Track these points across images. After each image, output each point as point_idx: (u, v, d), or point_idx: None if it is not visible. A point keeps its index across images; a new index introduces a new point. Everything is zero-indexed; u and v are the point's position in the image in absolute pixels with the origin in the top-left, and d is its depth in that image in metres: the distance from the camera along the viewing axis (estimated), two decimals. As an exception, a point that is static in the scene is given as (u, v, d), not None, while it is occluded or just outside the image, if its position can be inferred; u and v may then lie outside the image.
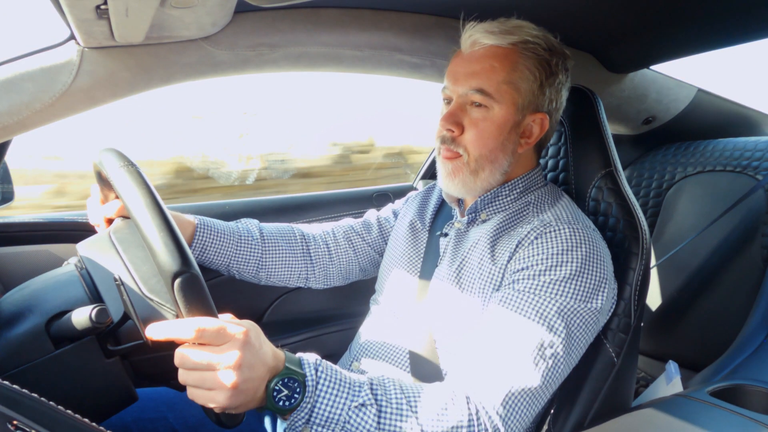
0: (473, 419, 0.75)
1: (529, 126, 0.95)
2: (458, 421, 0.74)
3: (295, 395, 0.69)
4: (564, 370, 0.82)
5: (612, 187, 1.01)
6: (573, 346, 0.83)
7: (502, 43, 0.92)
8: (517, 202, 0.98)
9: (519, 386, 0.78)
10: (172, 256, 0.63)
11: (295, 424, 0.70)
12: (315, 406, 0.70)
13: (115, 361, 0.75)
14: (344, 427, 0.71)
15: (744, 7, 1.13)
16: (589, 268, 0.85)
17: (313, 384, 0.70)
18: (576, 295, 0.83)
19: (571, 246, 0.85)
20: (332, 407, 0.71)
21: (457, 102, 0.94)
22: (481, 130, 0.92)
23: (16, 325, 0.72)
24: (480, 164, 0.94)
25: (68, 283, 0.78)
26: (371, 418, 0.72)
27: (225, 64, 1.11)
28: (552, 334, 0.80)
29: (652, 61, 1.46)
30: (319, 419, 0.71)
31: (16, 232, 1.26)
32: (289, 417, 0.70)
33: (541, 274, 0.84)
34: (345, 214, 1.60)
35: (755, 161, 1.44)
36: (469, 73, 0.93)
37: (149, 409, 0.99)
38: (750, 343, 1.14)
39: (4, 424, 0.51)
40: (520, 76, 0.92)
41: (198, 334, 0.63)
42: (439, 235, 1.05)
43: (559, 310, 0.82)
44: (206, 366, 0.64)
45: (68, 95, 0.99)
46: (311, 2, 1.10)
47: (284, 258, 1.13)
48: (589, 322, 0.84)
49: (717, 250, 1.42)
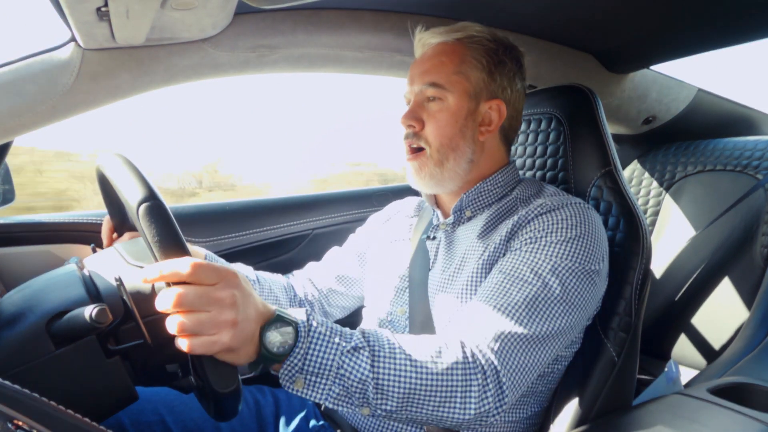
0: (468, 358, 0.75)
1: (487, 114, 0.99)
2: (453, 362, 0.74)
3: (288, 341, 0.67)
4: (561, 326, 0.81)
5: (612, 186, 1.01)
6: (570, 304, 0.82)
7: (448, 39, 0.99)
8: (501, 200, 1.00)
9: (512, 330, 0.78)
10: (137, 187, 0.63)
11: (289, 373, 0.68)
12: (308, 352, 0.69)
13: (116, 360, 0.75)
14: (338, 373, 0.70)
15: (744, 7, 1.13)
16: (589, 237, 0.86)
17: (305, 329, 0.69)
18: (572, 256, 0.84)
19: (572, 220, 0.88)
20: (325, 352, 0.69)
21: (414, 100, 1.00)
22: (438, 120, 0.97)
23: (17, 325, 0.73)
24: (443, 154, 0.97)
25: (69, 283, 0.78)
26: (365, 361, 0.71)
27: (225, 65, 1.11)
28: (545, 289, 0.81)
29: (653, 61, 1.46)
30: (313, 366, 0.69)
31: (17, 232, 1.26)
32: (282, 366, 0.68)
33: (539, 239, 0.86)
34: (345, 214, 1.61)
35: (755, 161, 1.44)
36: (422, 71, 0.99)
37: (148, 412, 0.98)
38: (750, 341, 1.14)
39: (5, 423, 0.51)
40: (468, 65, 0.97)
41: (193, 270, 0.61)
42: (425, 239, 1.05)
43: (553, 267, 0.83)
44: (205, 302, 0.62)
45: (69, 96, 0.99)
46: (311, 4, 1.10)
47: (280, 302, 1.14)
48: (585, 282, 0.84)
49: (717, 250, 1.42)
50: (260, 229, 1.50)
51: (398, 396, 0.71)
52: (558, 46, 1.36)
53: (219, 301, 0.62)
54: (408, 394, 0.71)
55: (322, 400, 0.70)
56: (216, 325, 0.62)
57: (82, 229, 1.30)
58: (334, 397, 0.70)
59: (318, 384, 0.69)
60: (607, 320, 0.94)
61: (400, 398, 0.71)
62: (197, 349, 0.62)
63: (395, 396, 0.71)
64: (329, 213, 1.60)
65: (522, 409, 0.93)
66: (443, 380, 0.73)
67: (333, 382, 0.70)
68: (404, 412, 0.73)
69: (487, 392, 0.74)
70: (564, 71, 1.39)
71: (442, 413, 0.73)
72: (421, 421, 0.75)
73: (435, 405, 0.73)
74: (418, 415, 0.74)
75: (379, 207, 1.35)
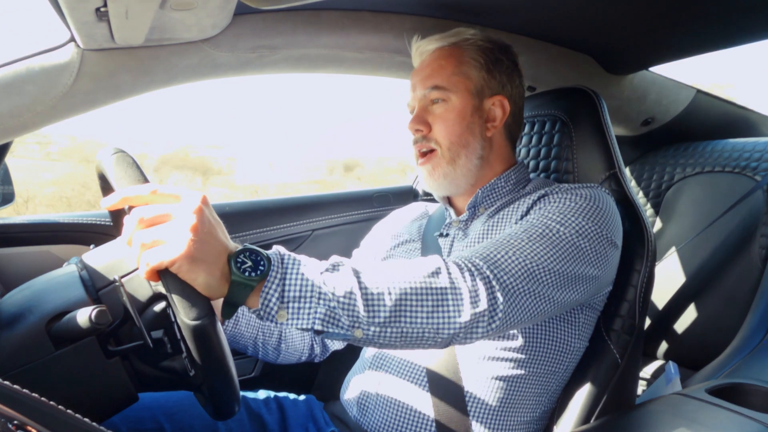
0: (453, 264, 0.73)
1: (491, 110, 1.02)
2: (438, 267, 0.72)
3: (261, 267, 0.64)
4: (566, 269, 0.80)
5: (616, 189, 1.01)
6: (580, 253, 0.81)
7: (445, 44, 1.03)
8: (512, 193, 1.02)
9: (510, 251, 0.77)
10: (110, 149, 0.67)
11: (268, 304, 0.64)
12: (285, 276, 0.65)
13: (116, 361, 0.75)
14: (321, 292, 0.65)
15: (743, 8, 1.13)
16: (607, 212, 0.87)
17: (277, 257, 0.66)
18: (589, 219, 0.84)
19: (590, 197, 0.88)
20: (304, 274, 0.65)
21: (419, 106, 1.03)
22: (445, 121, 0.99)
23: (17, 325, 0.73)
24: (454, 152, 0.99)
25: (68, 284, 0.78)
26: (348, 275, 0.67)
27: (225, 66, 1.11)
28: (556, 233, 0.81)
29: (652, 62, 1.46)
30: (293, 289, 0.64)
31: (17, 232, 1.26)
32: (260, 296, 0.64)
33: (555, 203, 0.88)
34: (345, 215, 1.61)
35: (754, 162, 1.45)
36: (423, 77, 1.02)
37: (146, 420, 0.97)
38: (749, 342, 1.14)
39: (5, 424, 0.51)
40: (467, 65, 1.01)
41: (154, 190, 0.61)
42: (437, 236, 1.06)
43: (565, 219, 0.83)
44: (163, 216, 0.60)
45: (69, 97, 0.99)
46: (312, 4, 1.10)
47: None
48: (600, 244, 0.84)
49: (716, 251, 1.42)
50: (260, 229, 1.50)
51: (389, 305, 0.68)
52: (557, 47, 1.36)
53: (181, 208, 0.61)
54: (398, 301, 0.68)
55: (309, 324, 0.65)
56: (173, 232, 0.59)
57: (82, 229, 1.30)
58: (321, 318, 0.65)
59: (302, 309, 0.65)
60: (611, 322, 0.94)
61: (391, 307, 0.68)
62: (153, 258, 0.59)
63: (386, 305, 0.68)
64: (330, 214, 1.60)
65: (527, 411, 0.93)
66: (431, 284, 0.71)
67: (318, 303, 0.65)
68: (397, 325, 0.69)
69: (479, 294, 0.72)
70: (563, 73, 1.39)
71: (436, 320, 0.70)
72: (416, 336, 0.70)
73: (428, 311, 0.70)
74: (413, 327, 0.70)
75: (379, 208, 1.36)
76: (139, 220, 0.61)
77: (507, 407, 0.91)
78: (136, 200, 0.62)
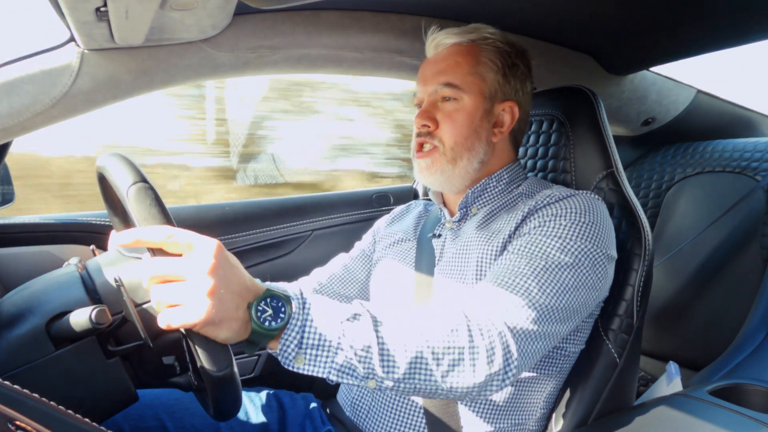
0: (471, 321, 0.73)
1: (501, 115, 1.00)
2: (457, 325, 0.72)
3: (281, 315, 0.64)
4: (571, 301, 0.80)
5: (614, 188, 1.01)
6: (581, 280, 0.81)
7: (463, 40, 0.99)
8: (504, 194, 1.01)
9: (519, 299, 0.76)
10: (125, 172, 0.65)
11: (286, 350, 0.65)
12: (305, 324, 0.65)
13: (116, 361, 0.75)
14: (339, 343, 0.66)
15: (743, 8, 1.13)
16: (599, 224, 0.86)
17: (299, 302, 0.66)
18: (583, 238, 0.83)
19: (582, 208, 0.87)
20: (324, 323, 0.66)
21: (428, 100, 0.99)
22: (454, 120, 0.97)
23: (17, 325, 0.72)
24: (457, 152, 0.97)
25: (68, 284, 0.78)
26: (367, 327, 0.68)
27: (225, 66, 1.11)
28: (556, 264, 0.80)
29: (652, 62, 1.46)
30: (312, 338, 0.65)
31: (17, 233, 1.26)
32: (279, 342, 0.65)
33: (548, 223, 0.86)
34: (345, 214, 1.61)
35: (755, 162, 1.45)
36: (437, 71, 0.99)
37: (148, 417, 0.97)
38: (749, 342, 1.14)
39: (5, 424, 0.51)
40: (484, 67, 0.98)
41: (168, 239, 0.60)
42: (430, 237, 1.06)
43: (563, 246, 0.82)
44: (181, 270, 0.60)
45: (68, 97, 0.99)
46: (311, 4, 1.10)
47: None
48: (596, 263, 0.83)
49: (716, 251, 1.42)
50: (260, 229, 1.50)
51: (404, 362, 0.68)
52: (557, 47, 1.36)
53: (195, 269, 0.60)
54: (414, 359, 0.69)
55: (325, 373, 0.66)
56: (190, 295, 0.59)
57: (82, 230, 1.30)
58: (337, 369, 0.67)
59: (320, 357, 0.66)
60: (609, 321, 0.94)
61: (407, 365, 0.68)
62: (174, 320, 0.59)
63: (401, 362, 0.68)
64: (330, 213, 1.60)
65: (521, 415, 0.93)
66: (450, 342, 0.70)
67: (335, 353, 0.66)
68: (411, 381, 0.69)
69: (495, 352, 0.72)
70: (563, 73, 1.39)
71: (451, 379, 0.70)
72: (430, 391, 0.71)
73: (444, 370, 0.70)
74: (427, 385, 0.70)
75: (379, 208, 1.35)
76: (154, 272, 0.61)
77: (499, 411, 0.91)
78: (150, 244, 0.62)
